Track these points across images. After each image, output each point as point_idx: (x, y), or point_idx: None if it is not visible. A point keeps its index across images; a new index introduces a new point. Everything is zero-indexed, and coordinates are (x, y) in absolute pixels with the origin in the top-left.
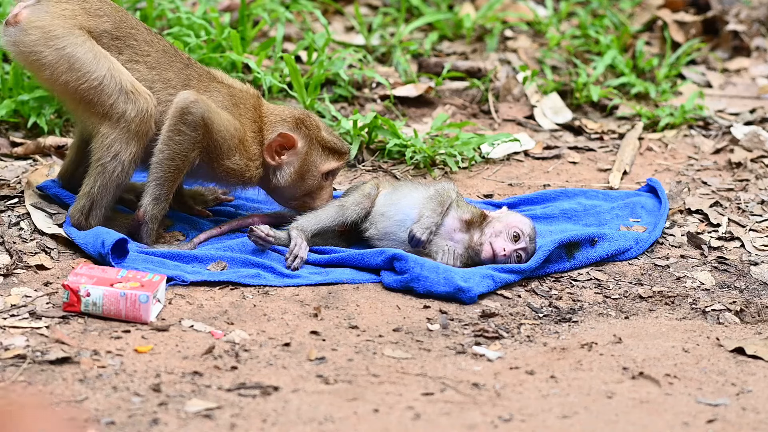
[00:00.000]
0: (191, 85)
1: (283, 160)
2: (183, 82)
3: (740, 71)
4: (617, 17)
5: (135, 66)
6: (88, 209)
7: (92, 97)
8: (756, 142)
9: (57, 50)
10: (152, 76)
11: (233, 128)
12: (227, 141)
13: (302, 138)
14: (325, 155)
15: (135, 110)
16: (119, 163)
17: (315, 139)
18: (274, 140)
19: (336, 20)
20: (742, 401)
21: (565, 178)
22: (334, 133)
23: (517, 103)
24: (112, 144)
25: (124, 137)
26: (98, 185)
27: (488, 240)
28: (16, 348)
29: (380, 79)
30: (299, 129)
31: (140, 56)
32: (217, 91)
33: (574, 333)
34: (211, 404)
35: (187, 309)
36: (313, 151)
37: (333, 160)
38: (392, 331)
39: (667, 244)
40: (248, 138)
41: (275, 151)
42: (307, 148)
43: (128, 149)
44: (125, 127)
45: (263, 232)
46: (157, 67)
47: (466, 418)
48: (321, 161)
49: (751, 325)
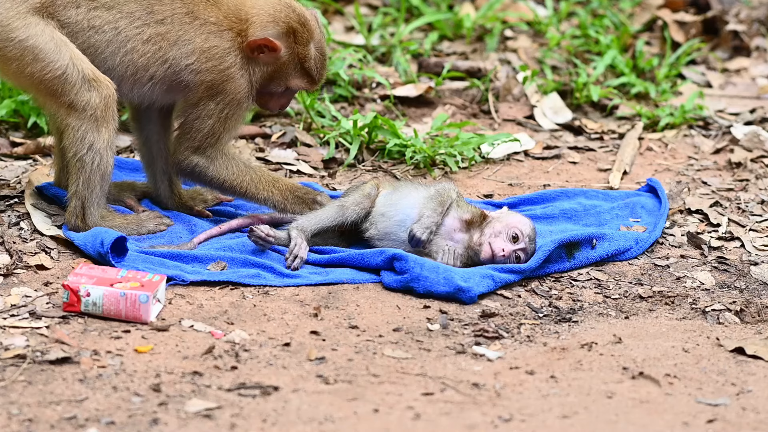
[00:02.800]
0: (155, 10)
1: (260, 57)
2: (146, 9)
3: (740, 71)
4: (617, 17)
5: (95, 13)
6: (81, 210)
7: (57, 87)
8: (756, 142)
9: (19, 42)
10: (113, 16)
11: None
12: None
13: (286, 48)
14: (299, 73)
15: (99, 97)
16: (96, 152)
17: (298, 55)
18: (258, 40)
19: (336, 20)
20: (742, 401)
21: (565, 178)
22: (320, 52)
23: (517, 103)
24: (84, 135)
25: (93, 125)
26: (82, 181)
27: (488, 240)
28: (16, 348)
29: (380, 79)
30: (288, 38)
31: (96, 1)
32: (179, 11)
33: (574, 333)
34: (211, 404)
35: (187, 309)
36: (290, 65)
37: (303, 81)
38: (392, 331)
39: (667, 244)
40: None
41: (255, 49)
42: (286, 59)
43: (101, 137)
44: (92, 115)
45: (263, 233)
46: (116, 6)
47: (466, 418)
48: (292, 76)
49: (751, 325)
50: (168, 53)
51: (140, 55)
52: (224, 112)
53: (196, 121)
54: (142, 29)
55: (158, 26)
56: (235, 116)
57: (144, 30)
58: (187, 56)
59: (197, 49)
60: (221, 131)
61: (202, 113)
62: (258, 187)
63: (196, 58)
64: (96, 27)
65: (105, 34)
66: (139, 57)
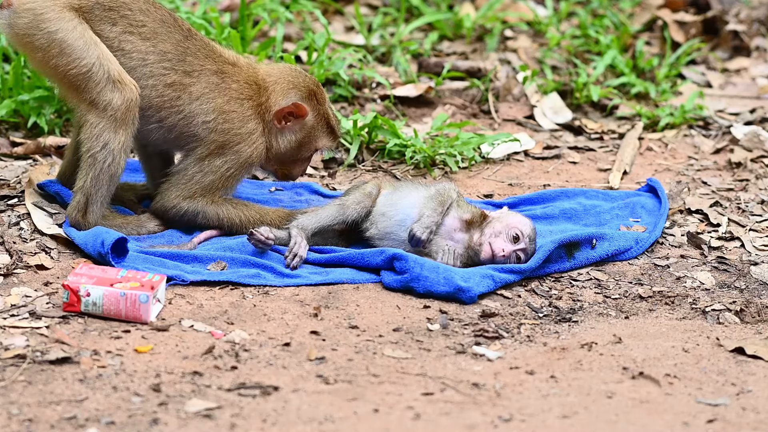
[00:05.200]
0: (187, 60)
1: (288, 126)
2: (179, 56)
3: (740, 71)
4: (617, 17)
5: (128, 38)
6: (84, 205)
7: (80, 83)
8: (756, 142)
9: (49, 34)
10: (146, 47)
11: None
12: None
13: (312, 110)
14: (325, 132)
15: (121, 99)
16: (109, 152)
17: (322, 114)
18: (286, 107)
19: (336, 20)
20: (742, 401)
21: (565, 178)
22: (333, 109)
23: (517, 103)
24: (100, 133)
25: (111, 126)
26: (90, 177)
27: (488, 240)
28: (16, 348)
29: (380, 79)
30: (311, 100)
31: (135, 27)
32: (208, 70)
33: (574, 333)
34: (211, 404)
35: (187, 309)
36: (318, 126)
37: (329, 139)
38: (392, 331)
39: (667, 244)
40: (246, 127)
41: (283, 117)
42: (313, 122)
43: (117, 138)
44: (112, 116)
45: (263, 236)
46: (152, 39)
47: (466, 418)
48: (320, 137)
49: (751, 325)
50: (187, 107)
51: (158, 95)
52: (230, 171)
53: (197, 174)
54: (169, 73)
55: (184, 77)
56: (239, 177)
57: (170, 74)
58: (206, 113)
59: (217, 110)
60: (219, 186)
61: (206, 168)
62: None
63: (214, 117)
64: (125, 51)
65: (131, 60)
66: (156, 96)
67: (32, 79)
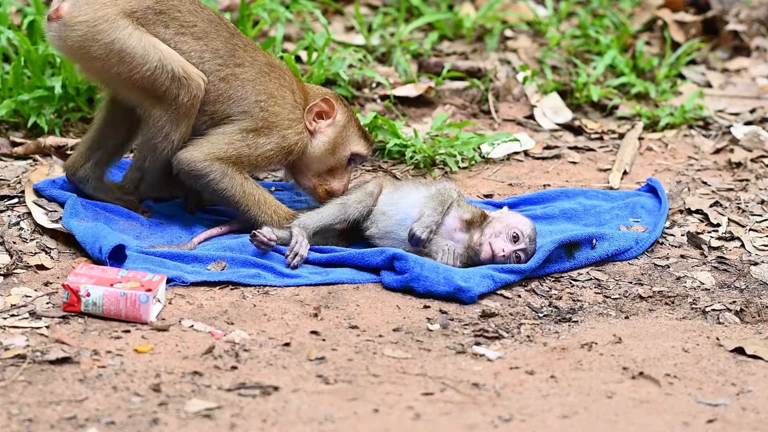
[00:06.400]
0: (237, 55)
1: (320, 127)
2: (229, 51)
3: (740, 71)
4: (617, 17)
5: (182, 38)
6: (138, 180)
7: (145, 86)
8: (756, 142)
9: (106, 44)
10: (200, 46)
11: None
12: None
13: (342, 112)
14: (358, 137)
15: (188, 96)
16: (169, 142)
17: (352, 116)
18: (316, 104)
19: (336, 20)
20: (742, 401)
21: (565, 178)
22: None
23: (517, 103)
24: (164, 126)
25: (174, 119)
26: (149, 160)
27: (488, 240)
28: (16, 348)
29: (380, 79)
30: (340, 101)
31: (186, 27)
32: (259, 61)
33: (574, 333)
34: (211, 404)
35: (187, 309)
36: (349, 129)
37: (362, 146)
38: (392, 331)
39: (667, 244)
40: (290, 116)
41: (314, 117)
42: (344, 122)
43: (178, 129)
44: (176, 110)
45: (266, 237)
46: (204, 38)
47: (466, 418)
48: (354, 141)
49: (751, 325)
50: (240, 90)
51: (214, 90)
52: (270, 152)
53: (238, 142)
54: (222, 68)
55: (236, 68)
56: (273, 161)
57: (223, 69)
58: (258, 94)
59: (268, 93)
60: (253, 163)
61: (249, 141)
62: (260, 210)
63: (266, 98)
64: (182, 51)
65: (190, 59)
66: (213, 92)
67: (32, 79)
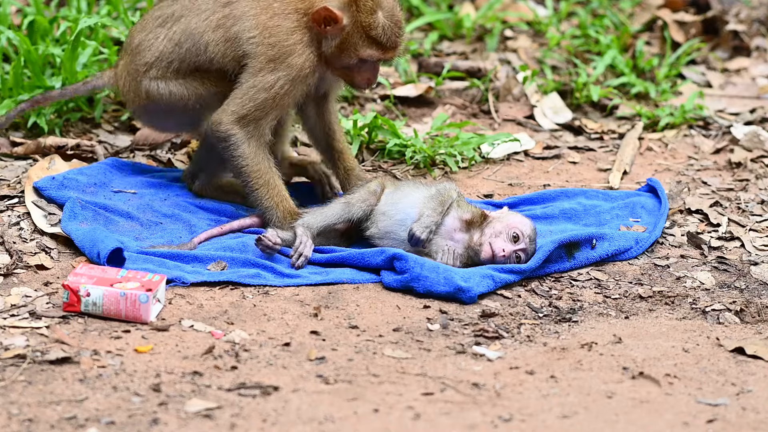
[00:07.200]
0: None
1: (327, 31)
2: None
3: (740, 71)
4: (617, 17)
5: (170, 32)
6: (194, 173)
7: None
8: (756, 142)
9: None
10: (184, 26)
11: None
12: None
13: (348, 17)
14: (367, 42)
15: None
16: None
17: (361, 24)
18: (317, 11)
19: None
20: (742, 401)
21: (565, 178)
22: (390, 19)
23: (517, 103)
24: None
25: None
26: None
27: (488, 240)
28: (16, 348)
29: (380, 79)
30: (349, 8)
31: (166, 20)
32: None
33: (574, 333)
34: (211, 404)
35: (187, 309)
36: (356, 34)
37: (372, 49)
38: (392, 331)
39: (667, 244)
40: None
41: (320, 22)
42: (350, 29)
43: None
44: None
45: (271, 241)
46: (186, 13)
47: (466, 418)
48: (360, 46)
49: (751, 325)
50: (231, 29)
51: (213, 43)
52: (284, 87)
53: (251, 90)
54: (210, 18)
55: (224, 9)
56: (292, 93)
57: (211, 18)
58: (249, 30)
59: (260, 25)
60: (269, 109)
61: (260, 83)
62: (267, 193)
63: (259, 32)
64: (177, 42)
65: (182, 46)
66: (216, 53)
67: (32, 79)
